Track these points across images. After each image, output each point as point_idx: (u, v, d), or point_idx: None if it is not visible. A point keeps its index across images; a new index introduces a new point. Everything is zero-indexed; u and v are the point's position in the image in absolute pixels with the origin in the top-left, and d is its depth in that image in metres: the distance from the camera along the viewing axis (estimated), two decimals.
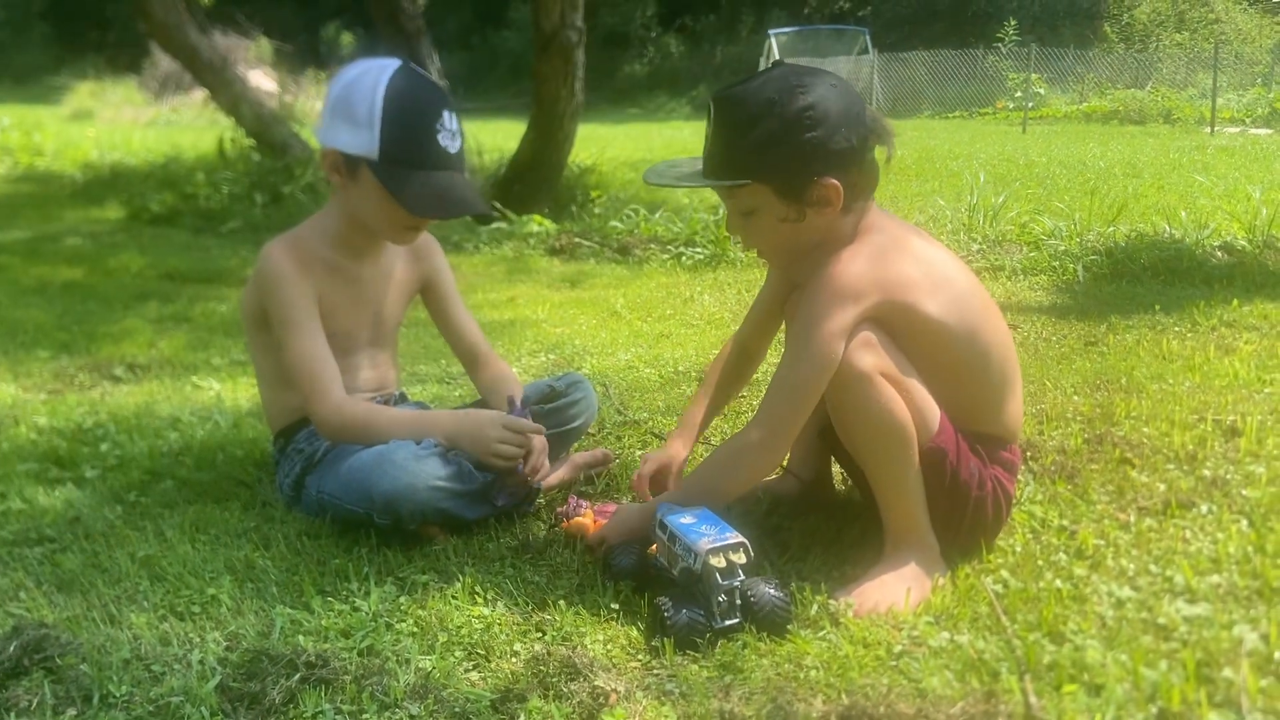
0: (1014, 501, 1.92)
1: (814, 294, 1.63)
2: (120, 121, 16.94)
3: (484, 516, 1.94)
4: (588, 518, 1.90)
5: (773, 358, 2.24)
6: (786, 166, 1.62)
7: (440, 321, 2.27)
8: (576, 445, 2.33)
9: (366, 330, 2.13)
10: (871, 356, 1.59)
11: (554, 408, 2.17)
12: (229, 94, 8.21)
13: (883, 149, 1.72)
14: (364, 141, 1.88)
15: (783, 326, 2.00)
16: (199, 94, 13.82)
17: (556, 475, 2.17)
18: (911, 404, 1.62)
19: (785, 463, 2.09)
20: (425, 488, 1.83)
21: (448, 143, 1.91)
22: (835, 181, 1.62)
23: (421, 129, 1.88)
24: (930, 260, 1.70)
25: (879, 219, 1.72)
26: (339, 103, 1.92)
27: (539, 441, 1.94)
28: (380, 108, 1.85)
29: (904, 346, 1.64)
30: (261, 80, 16.09)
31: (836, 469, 2.08)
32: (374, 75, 1.88)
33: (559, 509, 2.02)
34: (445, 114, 1.91)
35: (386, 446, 1.88)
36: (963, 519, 1.72)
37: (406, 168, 1.88)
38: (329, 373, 1.94)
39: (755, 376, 2.20)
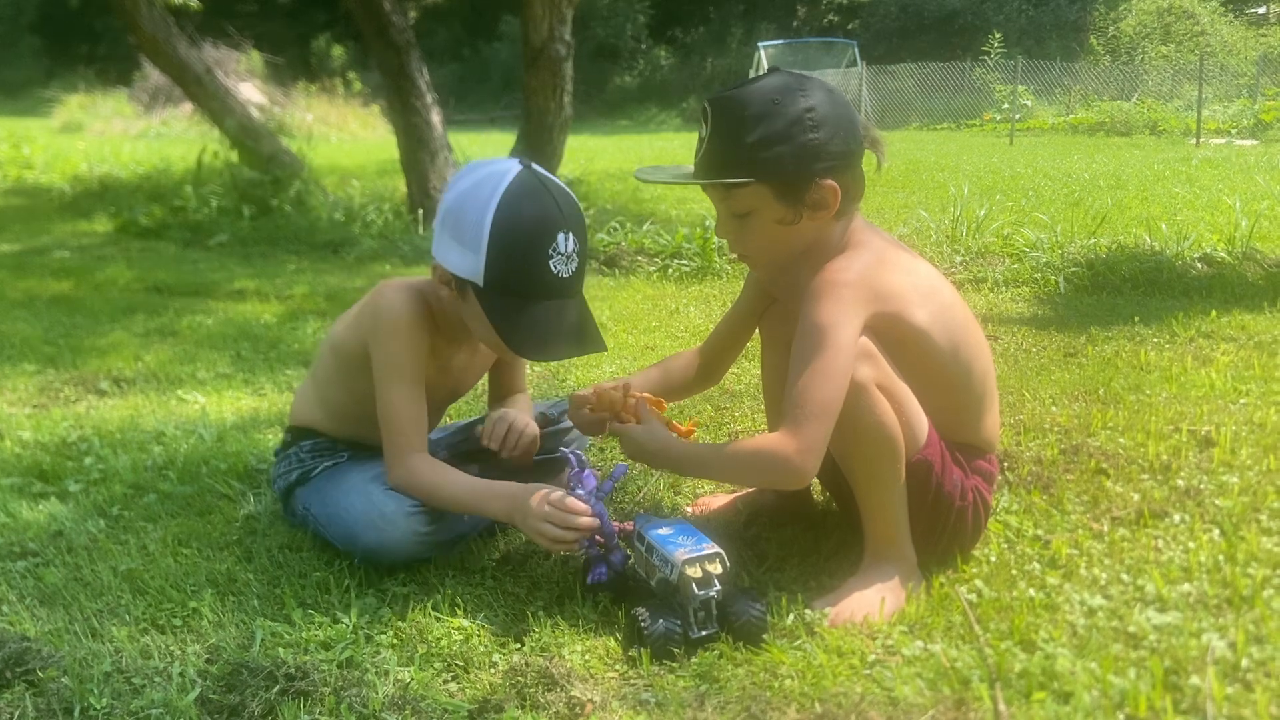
0: (991, 512, 1.95)
1: (817, 304, 1.61)
2: (110, 134, 16.94)
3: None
4: (627, 403, 1.82)
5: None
6: (788, 166, 1.62)
7: (498, 372, 2.21)
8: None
9: (441, 400, 2.11)
10: (869, 367, 1.61)
11: (546, 433, 2.18)
12: (217, 107, 8.23)
13: (873, 157, 1.74)
14: (470, 266, 1.76)
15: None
16: (189, 107, 13.84)
17: None
18: (903, 415, 1.64)
19: None
20: (409, 541, 1.83)
21: (560, 268, 1.77)
22: (834, 184, 1.63)
23: (532, 257, 1.75)
24: (916, 272, 1.72)
25: (864, 230, 1.74)
26: (449, 216, 1.80)
27: (585, 521, 1.69)
28: (488, 232, 1.73)
29: (892, 356, 1.66)
30: (252, 93, 16.13)
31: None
32: (488, 190, 1.75)
33: None
34: (560, 237, 1.76)
35: (376, 498, 1.85)
36: (944, 530, 1.75)
37: (514, 298, 1.77)
38: (418, 432, 1.87)
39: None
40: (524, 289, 1.77)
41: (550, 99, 6.21)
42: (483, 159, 1.89)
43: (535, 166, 1.82)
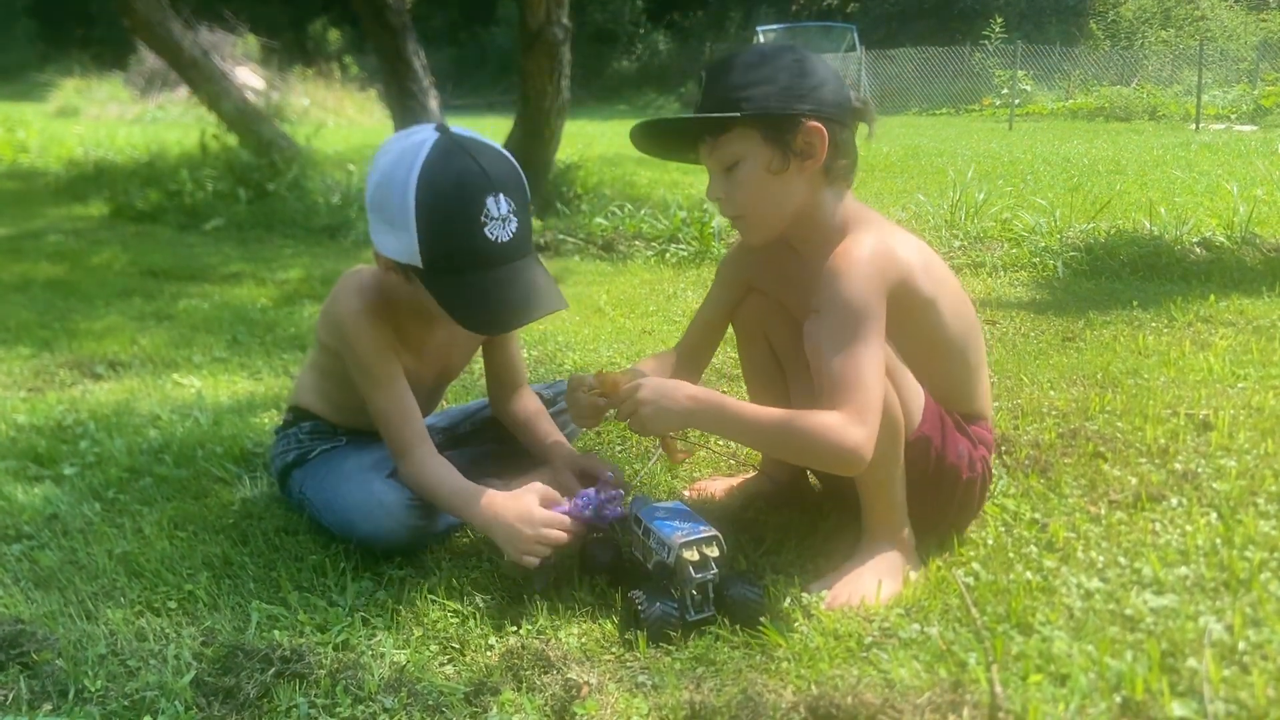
0: (989, 494, 1.95)
1: (843, 282, 1.58)
2: (106, 118, 16.85)
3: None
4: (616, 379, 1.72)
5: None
6: (774, 103, 1.60)
7: (489, 353, 2.13)
8: None
9: (428, 384, 2.06)
10: None
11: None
12: (213, 91, 8.18)
13: (863, 128, 1.73)
14: (406, 248, 1.69)
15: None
16: (185, 91, 13.76)
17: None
18: (900, 393, 1.63)
19: (760, 464, 2.11)
20: (405, 532, 1.82)
21: (498, 233, 1.68)
22: (820, 126, 1.61)
23: (462, 229, 1.67)
24: (916, 243, 1.72)
25: (863, 210, 1.73)
26: (374, 201, 1.73)
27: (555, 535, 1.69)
28: (414, 212, 1.65)
29: (899, 328, 1.64)
30: (248, 77, 16.05)
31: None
32: (405, 166, 1.66)
33: None
34: (489, 201, 1.67)
35: (376, 488, 1.84)
36: (951, 502, 1.75)
37: (456, 274, 1.70)
38: (413, 429, 1.85)
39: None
40: (463, 262, 1.69)
41: (548, 83, 6.17)
42: (400, 131, 1.78)
43: (454, 129, 1.73)
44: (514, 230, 1.71)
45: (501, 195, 1.69)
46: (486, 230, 1.67)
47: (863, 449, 1.53)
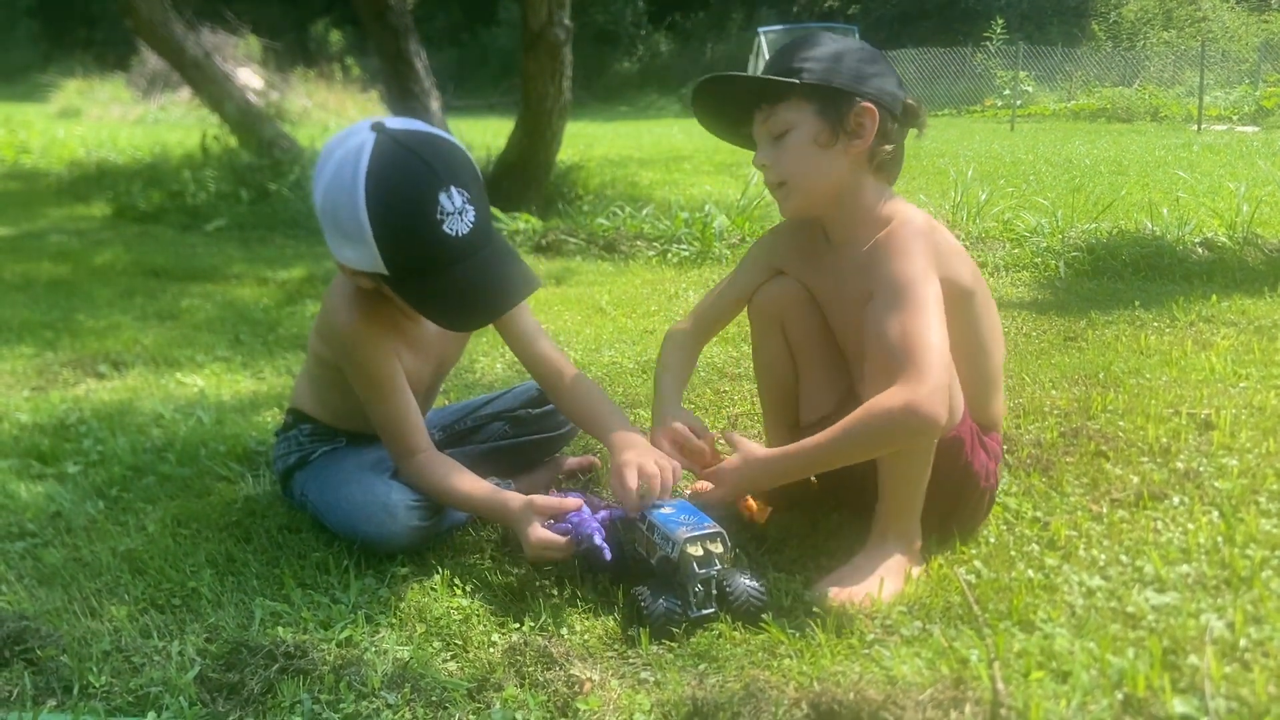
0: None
1: (895, 260, 1.61)
2: (108, 119, 16.87)
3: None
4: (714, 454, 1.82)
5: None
6: (834, 79, 1.64)
7: (516, 347, 2.00)
8: (567, 449, 2.34)
9: (428, 378, 2.04)
10: None
11: (542, 413, 2.17)
12: (215, 91, 8.20)
13: (913, 130, 1.76)
14: (368, 259, 1.66)
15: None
16: (187, 92, 13.77)
17: (542, 481, 2.18)
18: None
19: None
20: (408, 533, 1.81)
21: (457, 227, 1.64)
22: (873, 108, 1.64)
23: (421, 231, 1.62)
24: (957, 241, 1.74)
25: (908, 205, 1.74)
26: (326, 215, 1.68)
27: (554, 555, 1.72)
28: (368, 223, 1.61)
29: None
30: (250, 78, 16.05)
31: None
32: (349, 176, 1.61)
33: None
34: (441, 197, 1.62)
35: (378, 489, 1.83)
36: (964, 508, 1.76)
37: (424, 276, 1.67)
38: (416, 436, 1.85)
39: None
40: (428, 264, 1.66)
41: (549, 84, 6.18)
42: (336, 135, 1.72)
43: (389, 125, 1.67)
44: (472, 220, 1.66)
45: (453, 188, 1.64)
46: (445, 227, 1.63)
47: (925, 407, 1.50)
